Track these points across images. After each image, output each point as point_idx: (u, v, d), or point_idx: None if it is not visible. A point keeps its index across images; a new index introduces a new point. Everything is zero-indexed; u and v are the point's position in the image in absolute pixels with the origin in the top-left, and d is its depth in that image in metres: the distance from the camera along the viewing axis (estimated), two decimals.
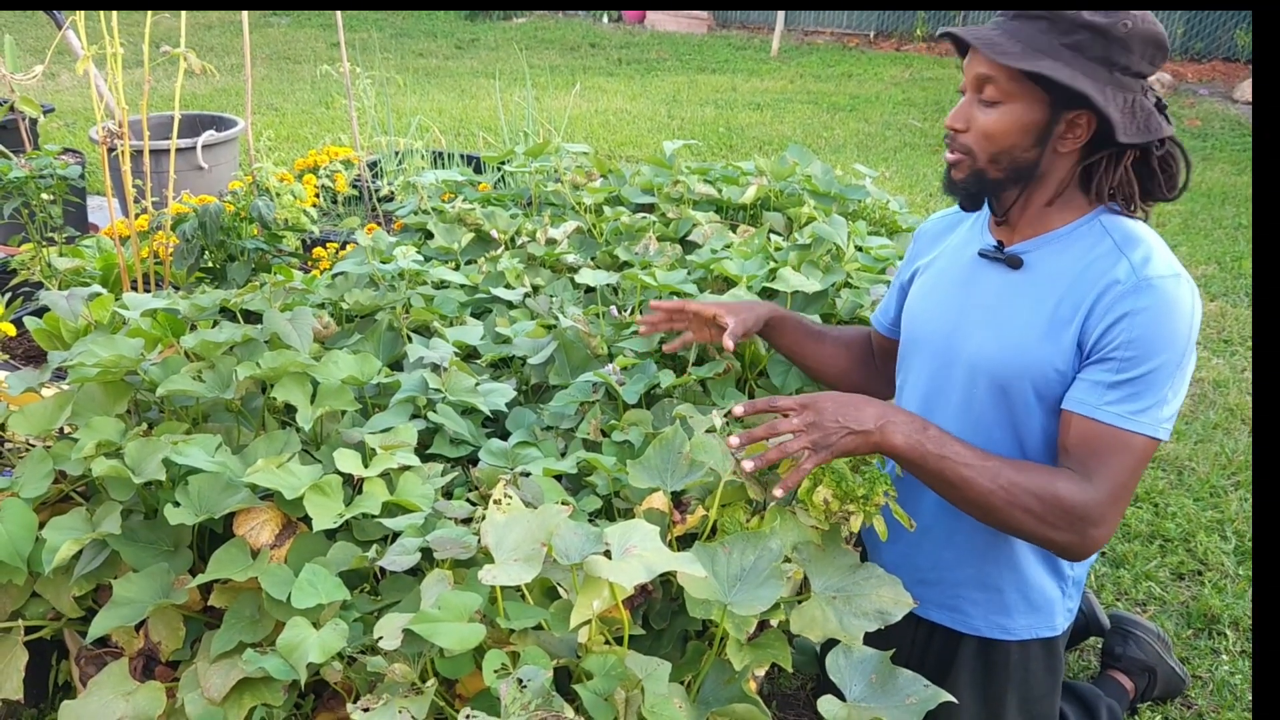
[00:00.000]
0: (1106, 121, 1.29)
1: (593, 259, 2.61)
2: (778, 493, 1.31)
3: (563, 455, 1.75)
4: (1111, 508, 1.31)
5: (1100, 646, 2.17)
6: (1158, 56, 1.31)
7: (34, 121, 3.95)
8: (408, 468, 1.58)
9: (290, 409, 1.79)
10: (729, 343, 1.63)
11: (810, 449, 1.30)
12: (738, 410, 1.35)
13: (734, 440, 1.33)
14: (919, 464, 1.32)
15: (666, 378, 1.87)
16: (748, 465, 1.32)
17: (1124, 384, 1.31)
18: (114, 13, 2.33)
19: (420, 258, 2.36)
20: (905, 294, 1.69)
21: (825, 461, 1.31)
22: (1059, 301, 1.38)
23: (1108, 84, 1.29)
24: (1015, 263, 1.44)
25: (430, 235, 2.75)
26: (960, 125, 1.38)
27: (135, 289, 2.57)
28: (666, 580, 1.48)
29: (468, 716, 1.07)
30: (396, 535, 1.44)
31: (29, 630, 1.51)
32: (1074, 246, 1.40)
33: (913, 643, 1.67)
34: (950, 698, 1.21)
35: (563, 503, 1.44)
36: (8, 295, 2.60)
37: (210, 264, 2.71)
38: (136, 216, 2.65)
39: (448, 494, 1.65)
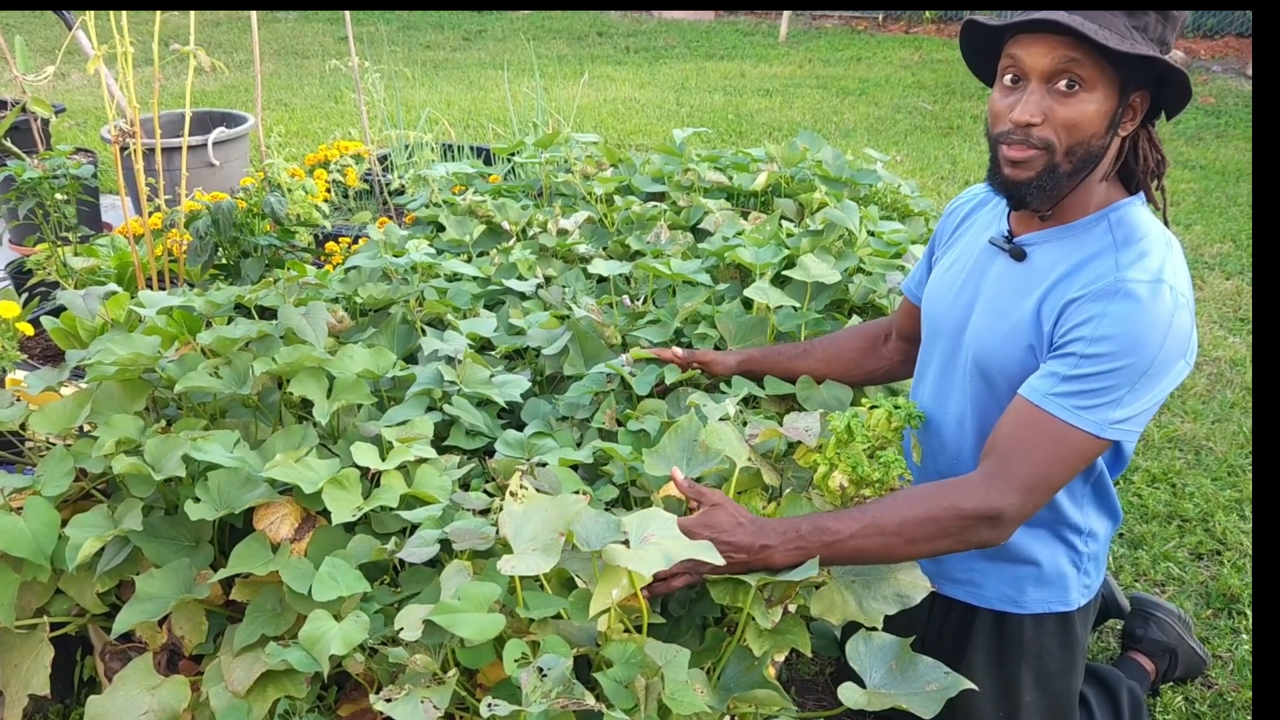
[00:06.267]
0: (1160, 98, 1.29)
1: (604, 249, 2.61)
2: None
3: (578, 445, 1.76)
4: (1024, 501, 1.28)
5: (1119, 628, 2.17)
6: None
7: (46, 122, 3.96)
8: (424, 460, 1.59)
9: (307, 403, 1.80)
10: (677, 352, 1.84)
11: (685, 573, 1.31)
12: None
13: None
14: (814, 560, 1.29)
15: (672, 373, 1.85)
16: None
17: (1077, 379, 1.27)
18: (124, 11, 2.33)
19: (432, 251, 2.36)
20: (931, 269, 1.70)
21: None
22: (1044, 296, 1.36)
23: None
24: (1019, 254, 1.43)
25: (442, 228, 2.75)
26: (1038, 118, 1.29)
27: (150, 287, 2.59)
28: None
29: (489, 705, 1.08)
30: (415, 527, 1.44)
31: (54, 627, 1.53)
32: (1077, 243, 1.37)
33: (929, 619, 1.67)
34: (971, 685, 1.21)
35: (579, 492, 1.45)
36: (24, 295, 2.61)
37: (224, 261, 2.72)
38: (150, 215, 2.67)
39: (465, 485, 1.66)
